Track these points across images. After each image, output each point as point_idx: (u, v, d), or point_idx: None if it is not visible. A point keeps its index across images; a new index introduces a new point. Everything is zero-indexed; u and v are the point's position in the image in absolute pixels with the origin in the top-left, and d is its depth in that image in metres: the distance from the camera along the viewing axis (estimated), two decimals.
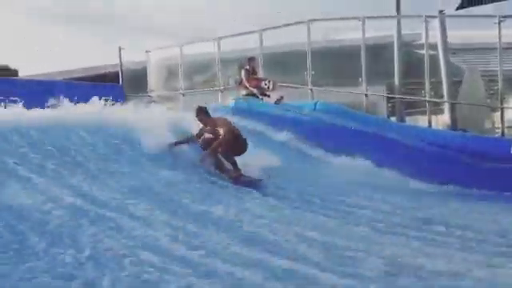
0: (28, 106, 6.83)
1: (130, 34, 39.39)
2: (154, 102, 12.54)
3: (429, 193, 7.98)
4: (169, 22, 46.67)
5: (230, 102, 11.01)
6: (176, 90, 13.81)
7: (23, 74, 20.80)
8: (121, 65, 14.03)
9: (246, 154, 6.86)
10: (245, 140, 6.97)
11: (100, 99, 7.28)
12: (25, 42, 43.72)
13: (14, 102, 8.07)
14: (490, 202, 7.26)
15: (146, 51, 14.51)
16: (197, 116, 7.10)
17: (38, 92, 8.98)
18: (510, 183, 7.91)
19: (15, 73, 23.85)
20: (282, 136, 9.32)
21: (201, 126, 7.10)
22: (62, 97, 7.16)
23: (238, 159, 6.82)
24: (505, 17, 9.82)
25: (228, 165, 6.86)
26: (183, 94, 13.52)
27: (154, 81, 14.35)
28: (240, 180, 6.61)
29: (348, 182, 7.42)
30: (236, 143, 6.82)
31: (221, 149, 6.74)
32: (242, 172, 6.74)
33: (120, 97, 11.88)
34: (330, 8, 27.61)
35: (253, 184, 6.51)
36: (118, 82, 13.91)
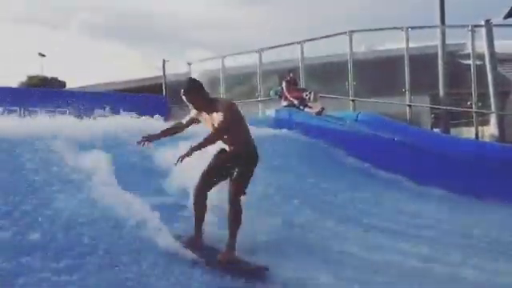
0: (77, 115, 7.05)
1: (169, 48, 40.25)
2: None
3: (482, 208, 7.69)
4: (208, 36, 47.50)
5: (271, 112, 11.04)
6: None
7: (71, 85, 21.58)
8: (164, 77, 14.34)
9: None
10: (252, 152, 4.49)
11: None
12: (74, 55, 45.38)
13: (63, 112, 8.37)
14: None
15: (188, 63, 14.80)
16: (185, 95, 4.38)
17: (86, 102, 9.29)
18: None
19: (63, 84, 24.81)
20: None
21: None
22: (108, 107, 7.38)
23: None
24: None
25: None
26: None
27: None
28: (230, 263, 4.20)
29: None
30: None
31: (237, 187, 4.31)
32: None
33: (164, 108, 12.16)
34: (372, 17, 27.42)
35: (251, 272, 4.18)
36: (162, 94, 14.23)
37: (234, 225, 4.25)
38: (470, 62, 10.85)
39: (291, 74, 11.08)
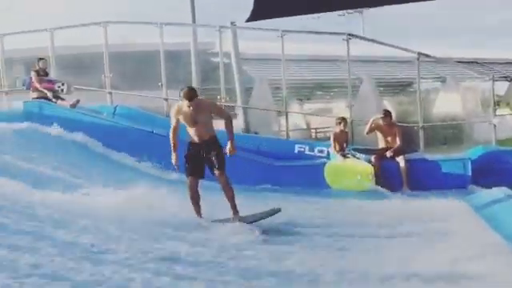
0: None
1: None
2: None
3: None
4: None
5: (19, 105, 10.02)
6: None
7: None
8: None
9: None
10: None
11: None
12: None
13: None
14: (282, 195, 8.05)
15: None
16: (187, 98, 5.37)
17: None
18: (296, 179, 8.92)
19: None
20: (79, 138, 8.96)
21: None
22: None
23: None
24: (285, 31, 11.01)
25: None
26: None
27: None
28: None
29: None
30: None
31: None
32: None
33: None
34: (126, 10, 27.22)
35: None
36: None
37: (231, 197, 5.59)
38: (219, 59, 11.83)
39: (40, 64, 10.22)
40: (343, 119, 9.36)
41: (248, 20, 12.41)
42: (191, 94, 5.42)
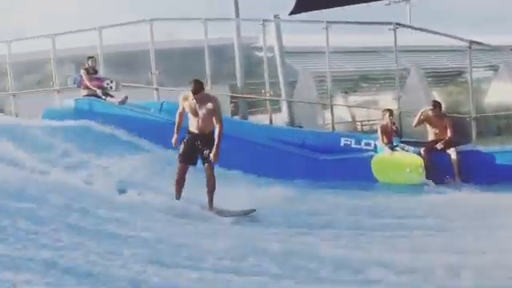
0: None
1: None
2: None
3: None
4: None
5: (70, 103, 10.35)
6: (5, 92, 12.50)
7: None
8: None
9: None
10: None
11: None
12: None
13: None
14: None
15: None
16: (192, 91, 5.80)
17: None
18: (342, 173, 8.79)
19: None
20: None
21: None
22: None
23: None
24: (330, 22, 10.84)
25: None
26: (14, 95, 12.28)
27: None
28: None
29: None
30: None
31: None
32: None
33: None
34: (174, 7, 27.54)
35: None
36: None
37: (211, 191, 5.95)
38: (263, 54, 11.79)
39: (90, 62, 10.51)
40: (390, 111, 9.15)
41: (291, 13, 12.28)
42: (196, 88, 5.77)
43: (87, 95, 10.32)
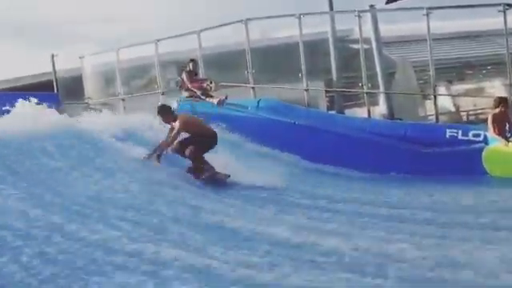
0: None
1: (54, 43, 37.76)
2: (91, 108, 12.18)
3: (374, 180, 8.28)
4: (98, 30, 45.07)
5: (174, 104, 10.88)
6: (114, 96, 13.48)
7: None
8: (55, 72, 13.50)
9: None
10: (214, 134, 7.43)
11: None
12: None
13: None
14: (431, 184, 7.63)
15: (80, 57, 14.05)
16: (160, 116, 7.38)
17: None
18: (448, 166, 8.36)
19: None
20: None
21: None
22: None
23: None
24: (431, 8, 10.32)
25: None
26: (123, 99, 13.21)
27: (90, 87, 13.91)
28: (215, 177, 7.09)
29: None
30: (205, 142, 7.22)
31: (191, 152, 7.02)
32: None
33: (56, 105, 11.42)
34: (266, 6, 27.90)
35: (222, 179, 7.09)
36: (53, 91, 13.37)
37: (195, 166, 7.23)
38: (359, 46, 11.52)
39: (190, 65, 10.98)
40: (503, 99, 8.51)
41: (388, 2, 11.87)
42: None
43: (189, 97, 10.79)
